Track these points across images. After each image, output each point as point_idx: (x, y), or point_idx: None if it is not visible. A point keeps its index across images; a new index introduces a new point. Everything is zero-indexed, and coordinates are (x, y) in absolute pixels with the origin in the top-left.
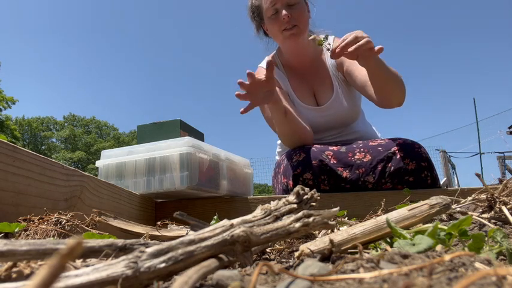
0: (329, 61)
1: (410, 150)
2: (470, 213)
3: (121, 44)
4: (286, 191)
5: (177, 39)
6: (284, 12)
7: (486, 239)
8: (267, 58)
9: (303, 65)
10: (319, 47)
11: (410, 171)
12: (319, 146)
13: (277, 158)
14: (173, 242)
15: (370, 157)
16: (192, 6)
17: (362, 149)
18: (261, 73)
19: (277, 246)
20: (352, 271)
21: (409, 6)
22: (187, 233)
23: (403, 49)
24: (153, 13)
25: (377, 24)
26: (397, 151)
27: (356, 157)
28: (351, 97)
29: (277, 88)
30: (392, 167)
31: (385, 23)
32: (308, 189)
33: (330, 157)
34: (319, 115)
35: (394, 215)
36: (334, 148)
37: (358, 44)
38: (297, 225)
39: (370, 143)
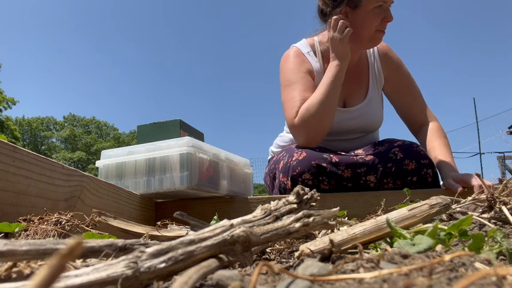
0: (373, 65)
1: (409, 150)
2: (470, 213)
3: (121, 44)
4: (285, 190)
5: (177, 39)
6: (391, 13)
7: (486, 239)
8: (306, 41)
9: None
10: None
11: (411, 171)
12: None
13: (271, 154)
14: (173, 242)
15: (372, 157)
16: (192, 5)
17: (364, 150)
18: (297, 57)
19: (277, 246)
20: (352, 271)
21: (408, 5)
22: (187, 233)
23: (402, 48)
24: (152, 13)
25: None
26: (397, 152)
27: (358, 156)
28: (380, 107)
29: (306, 77)
30: (394, 168)
31: None
32: (308, 189)
33: (331, 156)
34: (344, 117)
35: (394, 215)
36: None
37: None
38: (297, 225)
39: (371, 147)
